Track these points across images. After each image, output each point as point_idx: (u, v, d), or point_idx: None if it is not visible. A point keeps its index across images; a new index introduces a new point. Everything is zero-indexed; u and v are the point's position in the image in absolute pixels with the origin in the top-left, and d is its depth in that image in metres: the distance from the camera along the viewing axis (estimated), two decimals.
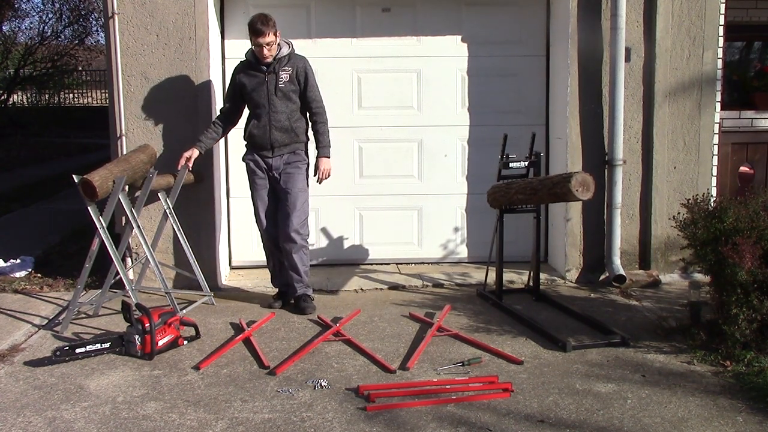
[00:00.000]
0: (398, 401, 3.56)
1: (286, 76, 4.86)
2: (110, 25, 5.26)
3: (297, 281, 5.02)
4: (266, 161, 4.95)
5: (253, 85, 4.88)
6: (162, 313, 4.28)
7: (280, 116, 4.87)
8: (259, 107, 4.89)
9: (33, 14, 32.53)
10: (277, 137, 4.89)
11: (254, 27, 4.72)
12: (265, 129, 4.89)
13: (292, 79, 4.87)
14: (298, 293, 5.03)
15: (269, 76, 4.85)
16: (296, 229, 4.90)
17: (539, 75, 6.00)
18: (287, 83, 4.86)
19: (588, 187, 4.24)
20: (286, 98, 4.87)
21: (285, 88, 4.86)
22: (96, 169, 4.51)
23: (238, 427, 3.33)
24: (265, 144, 4.92)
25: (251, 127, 4.94)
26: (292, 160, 4.96)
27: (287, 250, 4.96)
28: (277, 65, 4.85)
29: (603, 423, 3.35)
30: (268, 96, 4.85)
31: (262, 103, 4.87)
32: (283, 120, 4.87)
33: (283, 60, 4.87)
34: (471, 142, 6.06)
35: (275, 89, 4.85)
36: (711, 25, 5.53)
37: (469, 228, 6.15)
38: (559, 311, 4.95)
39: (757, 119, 6.17)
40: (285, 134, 4.90)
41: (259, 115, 4.90)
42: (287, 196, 4.92)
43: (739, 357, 3.95)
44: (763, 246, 4.04)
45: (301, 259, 4.98)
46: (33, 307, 5.09)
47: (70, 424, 3.37)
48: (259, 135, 4.91)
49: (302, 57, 4.96)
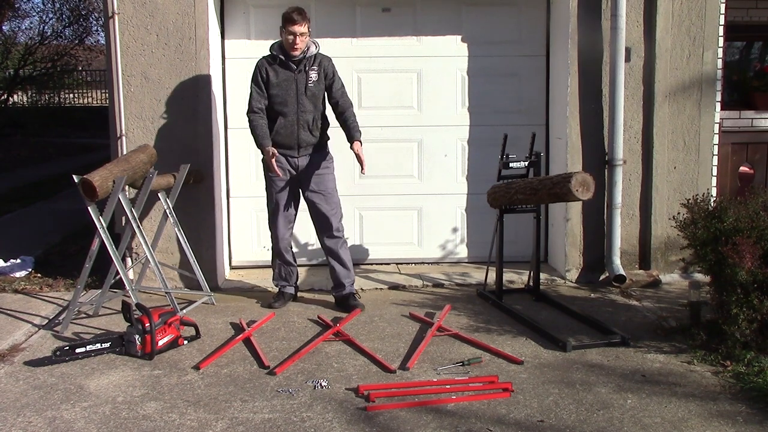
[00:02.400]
0: (398, 401, 3.56)
1: (315, 75, 4.83)
2: (110, 25, 5.26)
3: (346, 276, 5.01)
4: (290, 161, 4.89)
5: (279, 81, 4.80)
6: (162, 313, 4.28)
7: (308, 116, 4.83)
8: (285, 105, 4.81)
9: (33, 14, 32.60)
10: (304, 137, 4.85)
11: (289, 16, 4.67)
12: (292, 128, 4.83)
13: (320, 78, 4.85)
14: (346, 291, 5.02)
15: (299, 75, 4.80)
16: (337, 227, 4.98)
17: (539, 75, 6.00)
18: (316, 83, 4.84)
19: (588, 187, 4.24)
20: (314, 98, 4.85)
21: (314, 87, 4.83)
22: (96, 169, 4.51)
23: (238, 427, 3.33)
24: (291, 143, 4.86)
25: (278, 127, 4.84)
26: (318, 160, 4.93)
27: (333, 248, 4.98)
28: (306, 63, 4.81)
29: (603, 423, 3.35)
30: (297, 95, 4.80)
31: (289, 102, 4.80)
32: (310, 120, 4.84)
33: (311, 59, 4.83)
34: (471, 142, 6.06)
35: (305, 89, 4.80)
36: (711, 25, 5.53)
37: (469, 228, 6.15)
38: (559, 311, 4.95)
39: (757, 119, 6.17)
40: (311, 134, 4.87)
41: (286, 113, 4.82)
42: (322, 198, 4.92)
43: (739, 357, 3.95)
44: (763, 246, 4.04)
45: (346, 254, 5.03)
46: (33, 307, 5.09)
47: (70, 424, 3.37)
48: (286, 134, 4.84)
49: (327, 56, 4.94)
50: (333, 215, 4.96)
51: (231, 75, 5.82)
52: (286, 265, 5.12)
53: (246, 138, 5.88)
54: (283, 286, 5.16)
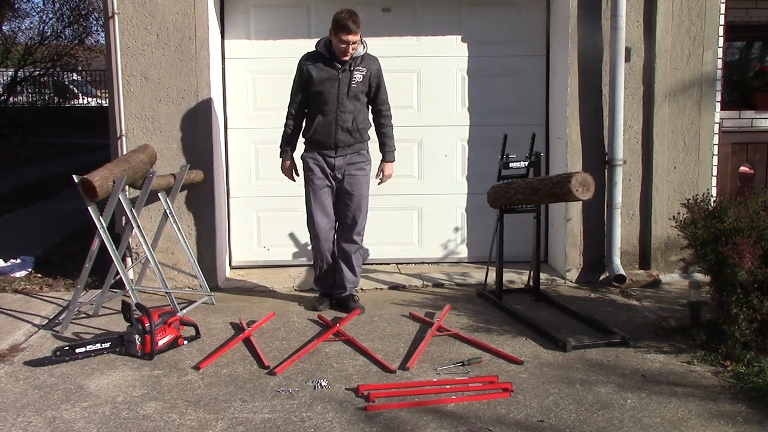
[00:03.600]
0: (398, 401, 3.56)
1: (360, 76, 4.74)
2: (110, 25, 5.26)
3: (350, 281, 5.01)
4: (328, 160, 4.84)
5: (322, 80, 4.71)
6: (162, 313, 4.28)
7: (347, 116, 4.75)
8: (326, 104, 4.73)
9: (33, 14, 32.63)
10: (342, 138, 4.79)
11: (344, 24, 4.54)
12: (330, 128, 4.77)
13: (365, 80, 4.77)
14: (347, 293, 5.01)
15: (342, 74, 4.71)
16: (359, 231, 4.95)
17: (539, 75, 6.00)
18: (359, 84, 4.75)
19: (588, 187, 4.24)
20: (356, 99, 4.77)
21: (357, 88, 4.74)
22: (96, 169, 4.50)
23: (238, 427, 3.33)
24: (329, 143, 4.80)
25: (316, 125, 4.78)
26: (355, 160, 4.88)
27: (348, 252, 4.95)
28: (352, 63, 4.72)
29: (603, 423, 3.35)
30: (338, 95, 4.72)
31: (330, 101, 4.72)
32: (349, 121, 4.76)
33: (358, 59, 4.74)
34: (471, 142, 6.06)
35: (348, 89, 4.73)
36: (711, 25, 5.53)
37: (469, 228, 6.15)
38: (559, 311, 4.95)
39: (757, 119, 6.17)
40: (350, 135, 4.80)
41: (325, 112, 4.74)
42: (352, 199, 4.87)
43: (739, 357, 3.95)
44: (763, 246, 4.04)
45: (358, 260, 5.04)
46: (33, 307, 5.09)
47: (70, 424, 3.37)
48: (324, 134, 4.78)
49: (375, 58, 4.86)
50: (358, 219, 4.92)
51: (231, 75, 5.82)
52: (328, 265, 5.03)
53: (246, 138, 5.92)
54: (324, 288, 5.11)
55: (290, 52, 5.83)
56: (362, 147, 4.92)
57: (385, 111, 4.93)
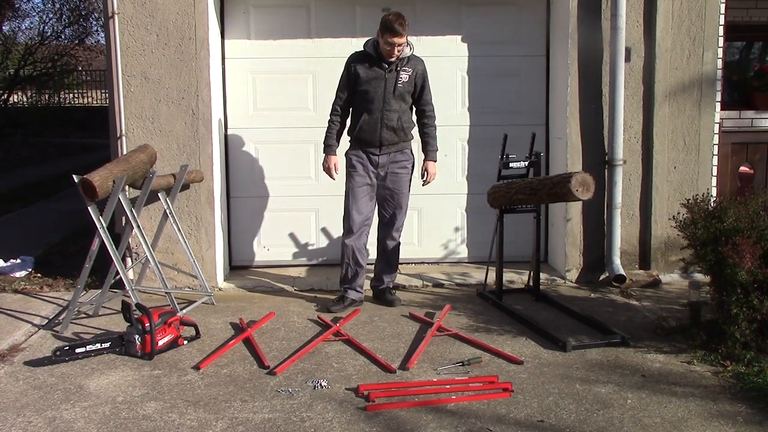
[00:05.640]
0: (398, 401, 3.56)
1: (406, 76, 4.84)
2: (110, 25, 5.26)
3: (389, 274, 5.16)
4: (372, 158, 4.92)
5: (369, 79, 4.81)
6: (162, 313, 4.28)
7: (392, 115, 4.84)
8: (372, 103, 4.83)
9: (33, 14, 32.65)
10: (386, 136, 4.87)
11: (391, 26, 4.63)
12: (375, 126, 4.85)
13: (411, 80, 4.86)
14: (383, 286, 5.13)
15: (389, 74, 4.80)
16: (398, 228, 5.07)
17: (539, 75, 6.00)
18: (405, 83, 4.84)
19: (588, 187, 4.24)
20: (401, 98, 4.86)
21: (402, 88, 4.84)
22: (96, 169, 4.50)
23: (238, 427, 3.33)
24: (373, 141, 4.88)
25: (361, 123, 4.87)
26: (399, 159, 4.97)
27: (389, 247, 5.10)
28: (398, 63, 4.81)
29: (603, 423, 3.35)
30: (384, 94, 4.81)
31: (376, 100, 4.82)
32: (394, 119, 4.85)
33: (404, 60, 4.83)
34: (471, 142, 6.06)
35: (393, 89, 4.81)
36: (711, 25, 5.53)
37: (469, 228, 6.15)
38: (559, 311, 4.95)
39: (757, 119, 6.17)
40: (394, 133, 4.89)
41: (371, 111, 4.84)
42: (393, 196, 4.99)
43: (739, 357, 3.95)
44: (763, 246, 4.04)
45: (397, 255, 5.15)
46: (33, 307, 5.09)
47: (70, 424, 3.37)
48: (369, 132, 4.87)
49: (421, 59, 4.95)
50: (398, 216, 5.05)
51: (231, 75, 5.82)
52: (354, 265, 5.01)
53: (246, 138, 5.91)
54: (346, 290, 5.05)
55: (290, 52, 5.86)
56: (406, 146, 5.01)
57: (429, 111, 5.02)
